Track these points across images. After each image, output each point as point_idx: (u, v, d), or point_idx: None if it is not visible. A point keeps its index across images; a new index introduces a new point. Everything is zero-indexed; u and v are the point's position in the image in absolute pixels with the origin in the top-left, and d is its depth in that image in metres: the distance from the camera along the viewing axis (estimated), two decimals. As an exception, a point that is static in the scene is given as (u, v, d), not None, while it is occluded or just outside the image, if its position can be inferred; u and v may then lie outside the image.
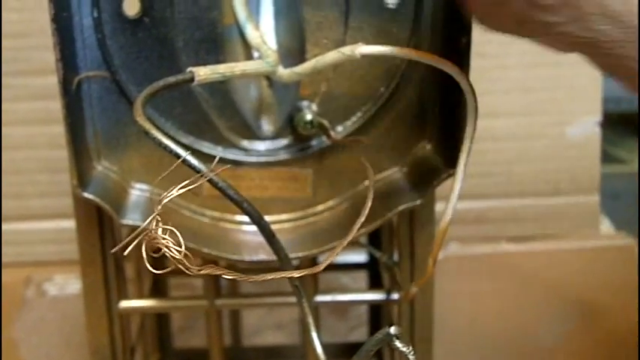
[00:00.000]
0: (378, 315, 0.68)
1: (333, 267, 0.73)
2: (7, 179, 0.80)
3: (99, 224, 0.45)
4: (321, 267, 0.26)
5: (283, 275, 0.26)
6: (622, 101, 1.01)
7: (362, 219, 0.27)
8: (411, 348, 0.31)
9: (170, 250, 0.24)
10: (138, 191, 0.43)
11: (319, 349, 0.35)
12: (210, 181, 0.31)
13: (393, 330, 0.31)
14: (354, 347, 0.33)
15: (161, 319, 0.70)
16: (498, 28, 0.29)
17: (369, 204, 0.28)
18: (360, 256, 0.72)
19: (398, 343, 0.31)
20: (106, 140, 0.42)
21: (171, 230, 0.24)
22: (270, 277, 0.26)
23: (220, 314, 0.51)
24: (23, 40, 0.77)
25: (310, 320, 0.34)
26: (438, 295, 0.49)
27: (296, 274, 0.25)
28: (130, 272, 0.61)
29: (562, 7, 0.27)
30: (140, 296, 0.59)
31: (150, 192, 0.43)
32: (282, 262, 0.34)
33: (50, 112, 0.79)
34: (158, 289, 0.67)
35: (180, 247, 0.24)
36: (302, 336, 0.72)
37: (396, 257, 0.51)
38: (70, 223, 0.83)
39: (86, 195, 0.40)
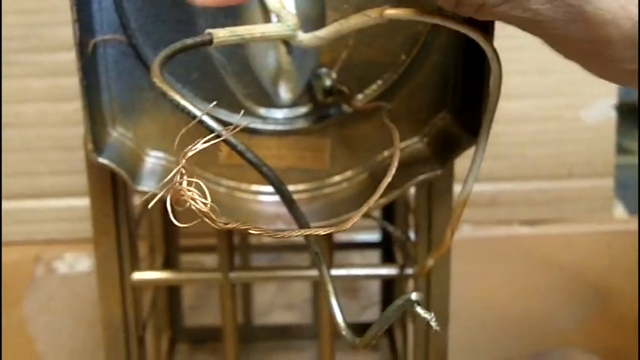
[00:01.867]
0: (390, 294, 0.68)
1: (346, 245, 0.72)
2: (17, 157, 0.80)
3: (113, 194, 0.44)
4: (349, 225, 0.25)
5: (309, 232, 0.25)
6: (632, 91, 1.00)
7: (388, 179, 0.26)
8: (432, 314, 0.30)
9: (196, 203, 0.23)
10: (153, 159, 0.42)
11: (339, 317, 0.34)
12: (227, 142, 0.31)
13: (414, 296, 0.30)
14: (366, 327, 0.33)
15: (172, 296, 0.70)
16: (446, 6, 0.28)
17: (395, 164, 0.27)
18: (372, 235, 0.72)
19: (419, 309, 0.30)
20: (121, 106, 0.41)
21: (196, 183, 0.24)
22: (296, 234, 0.25)
23: (234, 289, 0.50)
24: (35, 16, 0.76)
25: (330, 288, 0.34)
26: (451, 277, 0.49)
27: (322, 231, 0.25)
28: (143, 251, 0.60)
29: None
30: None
31: (165, 159, 0.42)
32: (302, 227, 0.34)
33: (62, 90, 0.78)
34: (170, 266, 0.66)
35: (206, 199, 0.23)
36: (313, 315, 0.71)
37: (411, 235, 0.50)
38: (80, 202, 0.83)
39: (101, 160, 0.39)
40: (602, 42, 0.25)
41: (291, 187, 0.43)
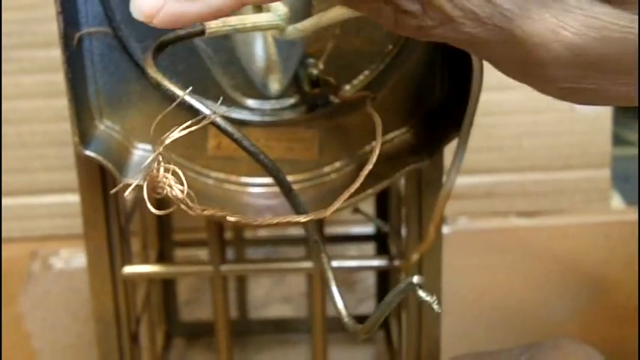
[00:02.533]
0: (385, 286, 0.68)
1: (341, 238, 0.72)
2: (13, 153, 0.80)
3: (102, 188, 0.44)
4: (329, 212, 0.25)
5: (290, 220, 0.25)
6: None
7: (369, 167, 0.26)
8: (435, 297, 0.30)
9: (172, 189, 0.23)
10: (141, 151, 0.42)
11: (340, 303, 0.34)
12: (215, 124, 0.30)
13: (416, 279, 0.30)
14: (362, 319, 0.33)
15: (167, 290, 0.70)
16: (386, 27, 0.29)
17: (376, 153, 0.27)
18: (368, 228, 0.71)
19: (421, 293, 0.30)
20: (108, 99, 0.41)
21: (173, 170, 0.24)
22: (275, 222, 0.25)
23: (226, 283, 0.50)
24: (28, 12, 0.76)
25: (330, 275, 0.33)
26: (447, 269, 0.48)
27: (302, 219, 0.25)
28: (136, 247, 0.60)
29: (426, 12, 0.27)
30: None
31: (153, 152, 0.42)
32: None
33: (56, 85, 0.78)
34: (163, 260, 0.66)
35: (183, 185, 0.23)
36: (309, 309, 0.71)
37: (404, 231, 0.50)
38: (76, 197, 0.82)
39: (88, 153, 0.39)
40: (535, 64, 0.26)
41: (280, 179, 0.43)
